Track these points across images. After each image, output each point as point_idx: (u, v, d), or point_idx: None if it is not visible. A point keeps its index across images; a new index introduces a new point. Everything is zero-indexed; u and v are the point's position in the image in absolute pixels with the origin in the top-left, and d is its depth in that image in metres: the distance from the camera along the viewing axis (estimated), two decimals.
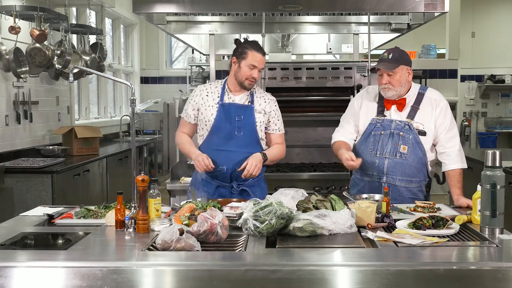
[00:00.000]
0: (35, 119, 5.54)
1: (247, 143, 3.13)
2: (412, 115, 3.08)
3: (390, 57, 3.01)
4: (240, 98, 3.18)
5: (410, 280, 1.90)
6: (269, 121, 3.24)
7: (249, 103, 3.17)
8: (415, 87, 3.13)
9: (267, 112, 3.21)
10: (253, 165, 3.04)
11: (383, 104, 3.14)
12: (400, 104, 3.09)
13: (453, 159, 3.07)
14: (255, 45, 3.12)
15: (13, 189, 4.50)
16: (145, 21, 6.74)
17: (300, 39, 5.72)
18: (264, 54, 3.14)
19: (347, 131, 3.25)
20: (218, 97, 3.17)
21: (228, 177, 3.15)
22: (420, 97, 3.11)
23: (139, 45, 9.55)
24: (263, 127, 3.20)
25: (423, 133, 3.06)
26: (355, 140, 3.25)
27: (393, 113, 3.11)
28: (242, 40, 3.22)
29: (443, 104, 3.10)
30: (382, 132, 3.10)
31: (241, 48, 3.11)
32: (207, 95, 3.19)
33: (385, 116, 3.12)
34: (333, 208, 2.51)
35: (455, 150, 3.08)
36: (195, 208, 2.54)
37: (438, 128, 3.08)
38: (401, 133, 3.06)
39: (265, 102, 3.22)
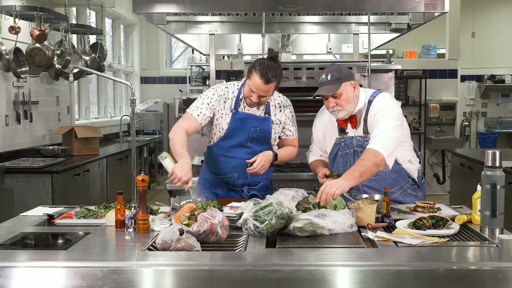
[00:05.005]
0: (35, 119, 5.54)
1: (259, 152, 3.03)
2: (366, 129, 2.92)
3: (329, 78, 2.80)
4: (256, 109, 3.05)
5: (410, 280, 1.90)
6: (284, 128, 3.15)
7: (266, 115, 3.07)
8: (365, 97, 2.93)
9: (282, 121, 3.11)
10: (260, 163, 2.98)
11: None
12: (352, 122, 2.94)
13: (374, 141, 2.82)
14: (262, 69, 2.86)
15: (13, 189, 4.50)
16: (145, 21, 6.73)
17: (300, 39, 5.72)
18: (267, 82, 2.87)
19: (319, 153, 3.15)
20: (234, 104, 3.04)
21: (238, 182, 3.11)
22: (369, 106, 2.91)
23: (139, 45, 9.55)
24: (277, 136, 3.13)
25: None
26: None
27: (350, 131, 2.97)
28: (266, 55, 2.99)
29: (380, 108, 2.86)
30: (348, 152, 2.96)
31: (252, 65, 2.94)
32: (225, 101, 3.04)
33: (347, 133, 2.97)
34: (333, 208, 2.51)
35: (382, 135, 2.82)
36: (195, 208, 2.54)
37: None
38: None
39: (280, 111, 3.10)
